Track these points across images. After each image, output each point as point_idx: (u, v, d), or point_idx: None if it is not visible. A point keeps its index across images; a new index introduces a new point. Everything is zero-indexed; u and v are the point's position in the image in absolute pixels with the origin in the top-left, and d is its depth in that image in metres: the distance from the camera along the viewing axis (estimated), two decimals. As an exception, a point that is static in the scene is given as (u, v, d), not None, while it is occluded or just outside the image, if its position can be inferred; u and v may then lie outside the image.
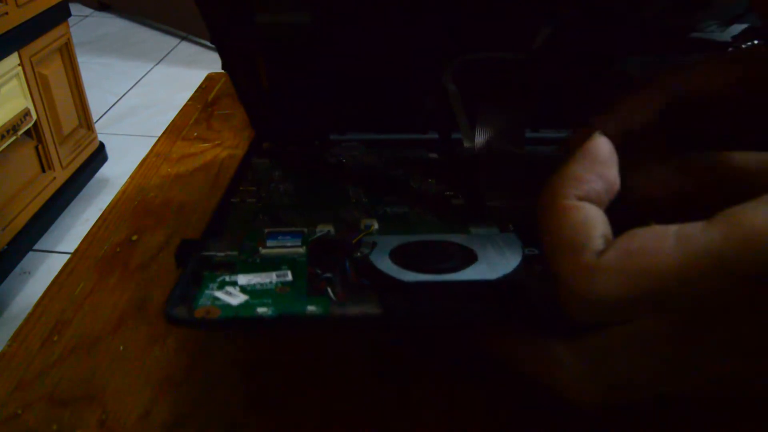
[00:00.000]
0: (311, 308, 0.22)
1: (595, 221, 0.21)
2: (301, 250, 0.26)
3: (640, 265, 0.19)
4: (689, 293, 0.19)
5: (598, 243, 0.20)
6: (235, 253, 0.26)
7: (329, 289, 0.23)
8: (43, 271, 1.41)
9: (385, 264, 0.24)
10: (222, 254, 0.26)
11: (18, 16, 1.25)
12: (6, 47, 1.22)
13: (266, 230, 0.28)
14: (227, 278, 0.24)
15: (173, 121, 0.52)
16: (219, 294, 0.23)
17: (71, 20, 1.46)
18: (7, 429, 0.27)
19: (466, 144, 0.31)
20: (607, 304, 0.19)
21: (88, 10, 2.86)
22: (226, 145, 0.48)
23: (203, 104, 0.54)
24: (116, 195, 0.42)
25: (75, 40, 1.48)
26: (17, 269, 1.36)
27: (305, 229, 0.28)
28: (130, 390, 0.29)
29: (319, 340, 0.31)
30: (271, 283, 0.24)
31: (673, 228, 0.19)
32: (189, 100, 0.55)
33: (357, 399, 0.28)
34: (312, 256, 0.26)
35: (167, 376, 0.30)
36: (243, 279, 0.24)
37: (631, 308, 0.20)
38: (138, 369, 0.30)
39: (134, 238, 0.38)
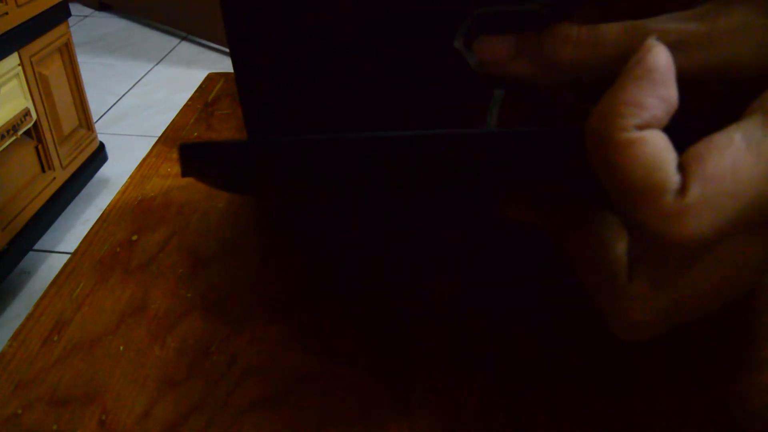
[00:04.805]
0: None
1: (665, 153, 0.19)
2: None
3: (723, 189, 0.18)
4: None
5: (675, 180, 0.18)
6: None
7: None
8: (43, 271, 1.41)
9: None
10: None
11: (18, 16, 1.25)
12: (6, 47, 1.22)
13: None
14: None
15: (173, 121, 0.52)
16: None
17: (71, 20, 1.46)
18: (7, 429, 0.27)
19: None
20: (703, 242, 0.19)
21: (88, 10, 2.86)
22: (226, 145, 0.48)
23: (203, 104, 0.54)
24: (116, 195, 0.42)
25: (75, 40, 1.48)
26: (17, 269, 1.36)
27: None
28: (130, 390, 0.29)
29: (319, 339, 0.31)
30: None
31: (734, 135, 0.18)
32: (189, 100, 0.55)
33: (357, 399, 0.28)
34: None
35: (167, 376, 0.30)
36: None
37: (725, 235, 0.19)
38: (138, 369, 0.30)
39: (134, 238, 0.38)
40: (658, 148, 0.19)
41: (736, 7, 0.22)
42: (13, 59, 1.25)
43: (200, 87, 0.57)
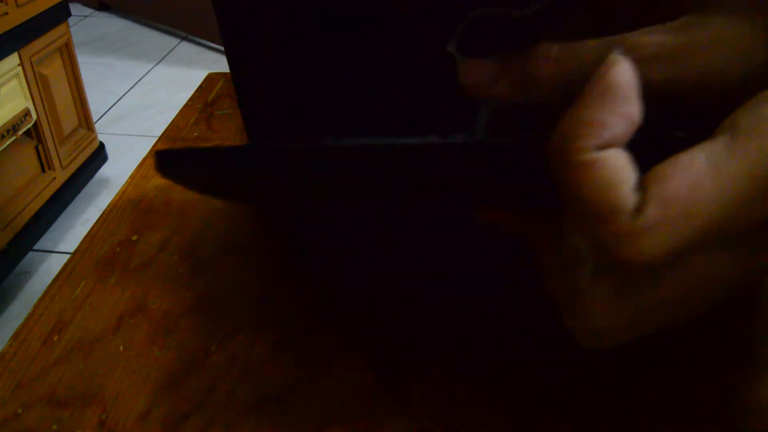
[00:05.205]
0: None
1: (623, 173, 0.19)
2: None
3: (682, 211, 0.18)
4: (739, 222, 0.18)
5: (631, 199, 0.18)
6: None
7: None
8: (43, 271, 1.41)
9: None
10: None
11: (18, 16, 1.25)
12: (6, 47, 1.22)
13: None
14: None
15: (173, 121, 0.52)
16: None
17: (71, 20, 1.46)
18: (7, 429, 0.27)
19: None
20: (658, 261, 0.19)
21: (88, 10, 2.85)
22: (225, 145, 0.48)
23: (203, 104, 0.54)
24: (116, 195, 0.42)
25: (75, 40, 1.48)
26: (17, 269, 1.36)
27: None
28: (130, 390, 0.29)
29: (319, 339, 0.31)
30: None
31: (698, 156, 0.18)
32: (189, 100, 0.55)
33: (357, 399, 0.28)
34: None
35: (167, 376, 0.30)
36: None
37: (682, 254, 0.19)
38: (138, 369, 0.30)
39: (134, 238, 0.38)
40: (616, 168, 0.19)
41: (715, 19, 0.21)
42: (13, 59, 1.25)
43: (200, 87, 0.57)
